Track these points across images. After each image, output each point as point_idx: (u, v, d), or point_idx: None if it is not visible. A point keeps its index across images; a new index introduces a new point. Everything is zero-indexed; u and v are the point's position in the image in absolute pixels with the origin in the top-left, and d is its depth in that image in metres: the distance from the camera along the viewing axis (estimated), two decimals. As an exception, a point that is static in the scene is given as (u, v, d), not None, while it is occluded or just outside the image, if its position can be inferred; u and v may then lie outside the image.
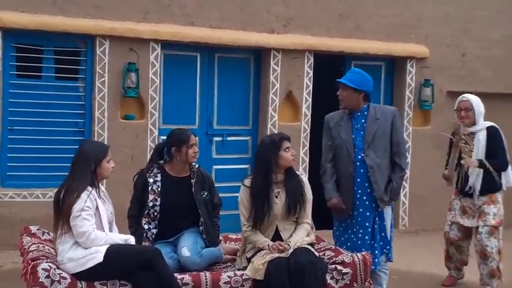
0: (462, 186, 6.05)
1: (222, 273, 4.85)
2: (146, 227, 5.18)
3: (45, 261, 4.44)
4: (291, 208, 5.11)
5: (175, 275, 4.71)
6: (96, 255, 4.45)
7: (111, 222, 4.78)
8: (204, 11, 7.94)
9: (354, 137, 5.48)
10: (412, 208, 9.04)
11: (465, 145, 5.98)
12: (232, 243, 5.78)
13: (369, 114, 5.47)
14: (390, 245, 5.58)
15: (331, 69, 8.63)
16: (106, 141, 7.36)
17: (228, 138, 8.36)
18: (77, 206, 4.46)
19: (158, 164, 5.35)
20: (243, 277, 4.81)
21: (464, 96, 6.09)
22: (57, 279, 4.34)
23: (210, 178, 5.54)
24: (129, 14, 7.60)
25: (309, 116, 8.49)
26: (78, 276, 4.45)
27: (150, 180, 5.24)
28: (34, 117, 7.36)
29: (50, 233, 5.16)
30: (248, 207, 5.11)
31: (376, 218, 5.46)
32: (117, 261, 4.46)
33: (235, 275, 4.83)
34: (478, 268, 5.98)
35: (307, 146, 8.48)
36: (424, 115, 9.14)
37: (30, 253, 4.61)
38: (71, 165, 4.68)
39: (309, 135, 8.48)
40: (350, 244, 5.47)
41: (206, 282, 4.71)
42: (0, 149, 7.27)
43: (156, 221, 5.20)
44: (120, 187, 6.87)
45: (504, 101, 9.22)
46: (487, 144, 5.90)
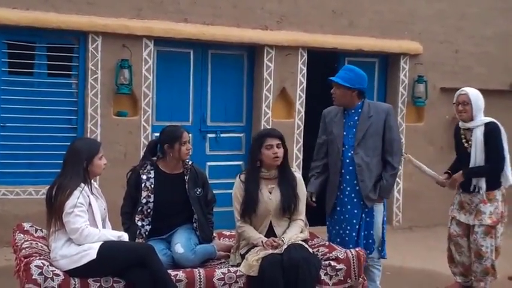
0: (465, 184, 5.85)
1: (216, 270, 4.83)
2: (139, 223, 5.16)
3: (38, 258, 4.42)
4: (285, 208, 5.11)
5: (169, 271, 4.70)
6: (90, 252, 4.43)
7: (104, 219, 4.76)
8: (197, 7, 7.92)
9: (346, 133, 5.47)
10: (405, 204, 9.06)
11: (464, 142, 5.85)
12: (226, 239, 5.77)
13: (363, 112, 5.44)
14: (383, 242, 5.56)
15: (324, 65, 8.63)
16: (99, 138, 7.33)
17: (221, 135, 8.35)
18: (70, 202, 4.45)
19: (151, 160, 5.33)
20: (237, 273, 4.80)
21: (462, 89, 5.86)
22: (50, 276, 4.32)
23: (203, 175, 5.53)
24: (122, 10, 7.58)
25: (303, 112, 8.49)
26: (71, 273, 4.42)
27: (144, 177, 5.22)
28: (26, 114, 7.34)
29: (42, 230, 5.14)
30: (241, 202, 5.12)
31: (364, 215, 5.44)
32: (110, 258, 4.44)
33: (229, 271, 4.82)
34: (471, 265, 5.91)
35: (301, 142, 8.48)
36: (418, 111, 9.16)
37: (23, 250, 4.59)
38: (63, 162, 4.67)
39: (302, 131, 8.48)
40: (340, 240, 5.48)
41: (200, 278, 4.69)
42: (-8, 146, 7.25)
43: (149, 218, 5.19)
44: (113, 184, 6.86)
45: (497, 97, 9.22)
46: (484, 142, 5.69)
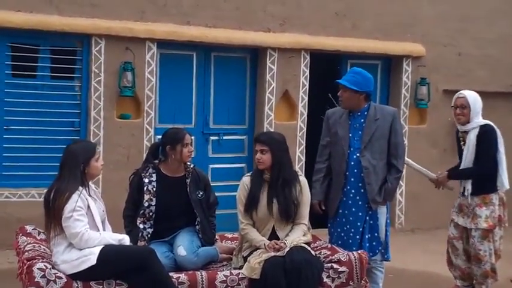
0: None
1: (218, 272, 4.84)
2: (141, 226, 5.17)
3: (40, 261, 4.43)
4: (284, 216, 5.11)
5: (171, 274, 4.71)
6: (90, 257, 4.42)
7: (104, 221, 4.74)
8: (200, 10, 7.93)
9: (351, 136, 5.47)
10: (408, 206, 9.05)
11: (462, 144, 5.84)
12: (229, 242, 5.77)
13: (369, 114, 5.44)
14: (387, 244, 5.56)
15: (327, 68, 8.64)
16: (102, 141, 7.37)
17: (224, 138, 8.35)
18: (68, 206, 4.42)
19: (153, 163, 5.33)
20: (239, 276, 4.81)
21: (461, 92, 5.80)
22: (53, 279, 4.33)
23: (205, 177, 5.53)
24: (125, 13, 7.59)
25: (305, 115, 8.49)
26: (73, 276, 4.43)
27: (146, 180, 5.22)
28: (30, 117, 7.35)
29: (45, 233, 5.15)
30: (244, 203, 5.13)
31: (368, 217, 5.45)
32: (110, 263, 4.44)
33: (232, 274, 4.83)
34: (471, 269, 5.87)
35: (304, 145, 8.48)
36: (420, 114, 9.15)
37: (26, 253, 4.60)
38: (60, 166, 4.63)
39: (305, 134, 8.48)
40: (341, 242, 5.48)
41: (202, 281, 4.70)
42: (-4, 149, 7.27)
43: (151, 221, 5.19)
44: (115, 186, 6.87)
45: (499, 99, 9.23)
46: (476, 144, 5.64)
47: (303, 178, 5.30)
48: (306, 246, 5.02)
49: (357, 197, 5.44)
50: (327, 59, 8.66)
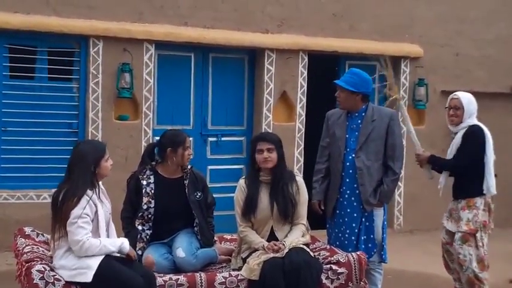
0: (454, 192, 5.71)
1: (217, 274, 4.84)
2: (140, 228, 5.15)
3: (39, 262, 4.42)
4: (282, 213, 5.11)
5: (170, 275, 4.70)
6: (87, 273, 4.32)
7: (109, 222, 4.65)
8: (198, 11, 7.93)
9: (348, 136, 5.46)
10: (406, 207, 9.06)
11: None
12: (228, 243, 5.77)
13: (366, 115, 5.43)
14: (384, 246, 5.54)
15: (325, 69, 8.63)
16: (100, 142, 7.35)
17: (222, 139, 8.35)
18: (75, 212, 4.33)
19: (150, 165, 5.31)
20: (238, 277, 4.80)
21: (455, 94, 5.69)
22: (52, 281, 4.31)
23: (203, 178, 5.50)
24: (122, 14, 7.59)
25: (304, 115, 8.49)
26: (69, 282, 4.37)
27: (144, 183, 5.20)
28: (28, 119, 7.34)
29: (44, 235, 5.14)
30: (242, 206, 5.12)
31: (363, 219, 5.43)
32: (106, 283, 4.32)
33: (231, 275, 4.82)
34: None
35: (302, 145, 8.48)
36: (419, 114, 9.16)
37: (25, 255, 4.59)
38: (69, 167, 4.51)
39: (303, 135, 8.48)
40: (338, 243, 5.47)
41: (201, 282, 4.69)
42: (-7, 151, 7.26)
43: (150, 223, 5.17)
44: (114, 188, 6.78)
45: (498, 100, 9.25)
46: (460, 143, 5.55)
47: (299, 178, 5.30)
48: (304, 247, 5.02)
49: (352, 198, 5.43)
50: (325, 60, 8.66)
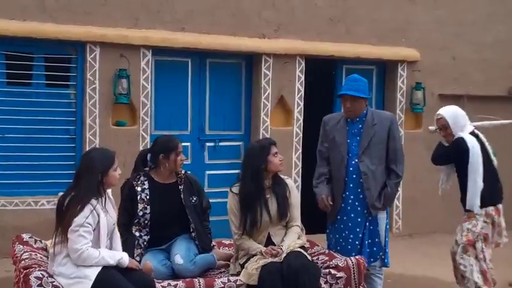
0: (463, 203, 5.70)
1: (216, 279, 4.83)
2: (137, 234, 5.14)
3: (37, 269, 4.41)
4: (283, 214, 5.12)
5: (169, 281, 4.69)
6: (84, 282, 4.29)
7: (112, 231, 4.60)
8: (195, 16, 7.93)
9: (350, 141, 5.46)
10: (405, 211, 9.04)
11: None
12: (226, 248, 5.77)
13: (367, 120, 5.44)
14: (386, 250, 5.54)
15: (322, 73, 8.63)
16: (98, 148, 7.33)
17: (220, 144, 8.34)
18: (77, 220, 4.32)
19: (144, 171, 5.30)
20: (237, 283, 4.80)
21: (438, 113, 5.69)
22: (50, 288, 4.31)
23: (197, 182, 5.49)
24: (119, 20, 7.58)
25: (301, 120, 8.48)
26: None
27: (138, 189, 5.19)
28: (25, 125, 7.32)
29: (42, 241, 5.14)
30: (238, 215, 5.11)
31: (368, 223, 5.43)
32: None
33: (229, 280, 4.82)
34: None
35: (300, 150, 8.47)
36: (416, 118, 9.15)
37: (23, 261, 4.59)
38: (77, 173, 4.53)
39: (301, 139, 8.47)
40: (339, 248, 5.46)
41: (200, 288, 4.69)
42: (-9, 157, 7.24)
43: (147, 228, 5.16)
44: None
45: (495, 103, 9.23)
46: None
47: (290, 181, 5.34)
48: (302, 251, 5.02)
49: (356, 203, 5.43)
50: (322, 65, 8.66)
